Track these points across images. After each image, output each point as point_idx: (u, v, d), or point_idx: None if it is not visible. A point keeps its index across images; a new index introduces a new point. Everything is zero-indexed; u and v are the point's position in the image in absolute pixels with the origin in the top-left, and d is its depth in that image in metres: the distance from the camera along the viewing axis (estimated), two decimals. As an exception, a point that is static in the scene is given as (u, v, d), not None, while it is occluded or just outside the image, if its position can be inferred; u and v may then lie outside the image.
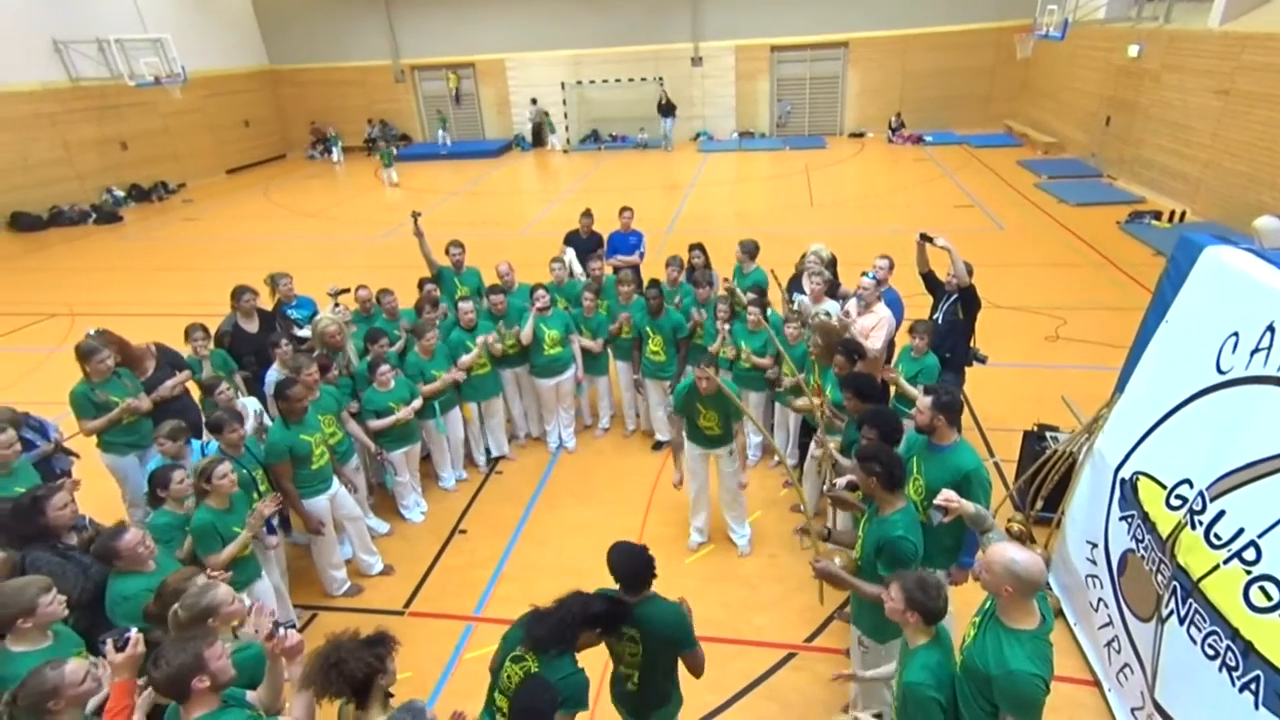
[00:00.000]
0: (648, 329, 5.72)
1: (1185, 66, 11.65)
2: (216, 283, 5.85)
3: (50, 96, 15.67)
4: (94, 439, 4.63)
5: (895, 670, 2.71)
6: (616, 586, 2.77)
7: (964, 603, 3.80)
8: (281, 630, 2.50)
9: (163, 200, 17.87)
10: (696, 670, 2.89)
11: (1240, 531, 2.80)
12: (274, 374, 4.92)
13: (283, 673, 2.60)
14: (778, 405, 5.55)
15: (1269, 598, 2.60)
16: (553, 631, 2.50)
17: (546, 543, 5.13)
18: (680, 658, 2.86)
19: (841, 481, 3.62)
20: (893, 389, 4.64)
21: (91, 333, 4.75)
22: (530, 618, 2.57)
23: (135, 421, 4.59)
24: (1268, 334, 3.00)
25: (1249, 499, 2.82)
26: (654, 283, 5.83)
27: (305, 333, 5.54)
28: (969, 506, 2.86)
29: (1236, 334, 3.19)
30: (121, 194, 17.11)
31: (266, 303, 5.93)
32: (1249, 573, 2.70)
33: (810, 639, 4.20)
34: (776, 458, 5.85)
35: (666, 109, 20.10)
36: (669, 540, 5.03)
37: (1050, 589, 4.24)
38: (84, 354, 4.47)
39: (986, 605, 2.51)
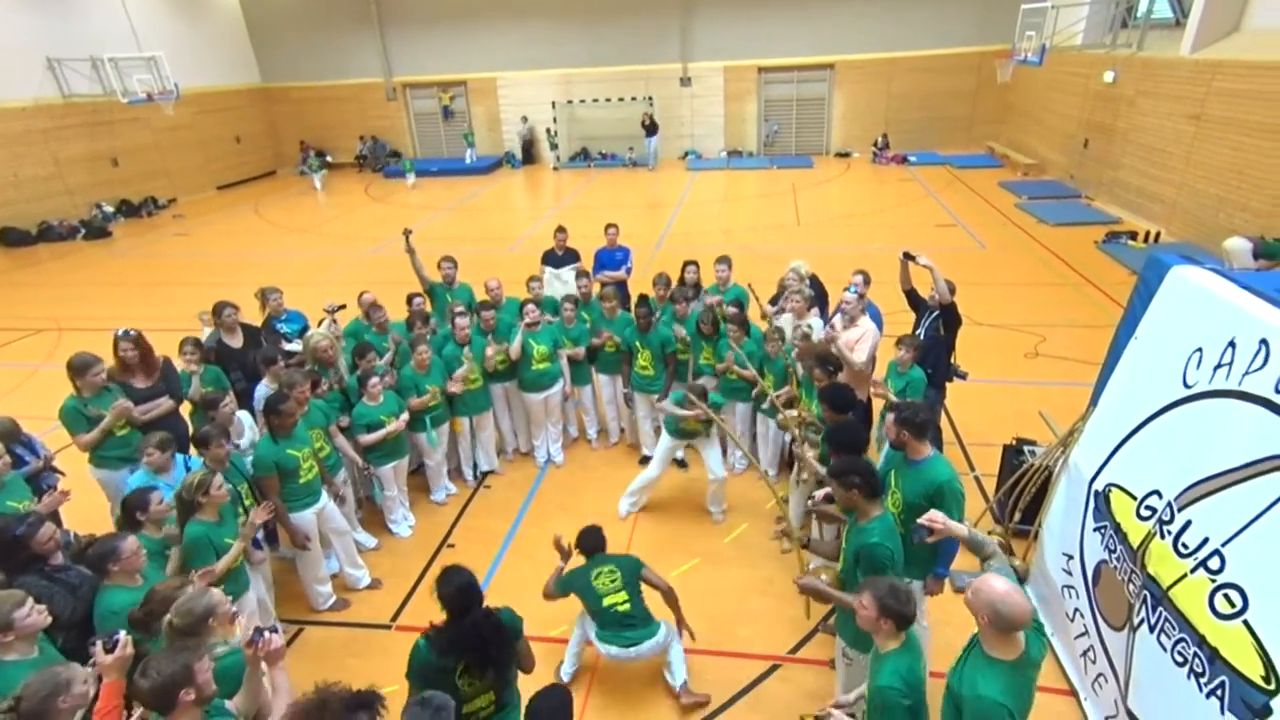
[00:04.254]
0: (637, 344, 5.80)
1: (1159, 92, 12.00)
2: (207, 297, 5.87)
3: (42, 113, 15.70)
4: (85, 453, 4.61)
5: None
6: None
7: (943, 611, 3.89)
8: (265, 634, 2.52)
9: (152, 215, 17.87)
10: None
11: (1205, 540, 2.90)
12: (263, 389, 4.94)
13: (262, 680, 2.62)
14: (760, 417, 5.64)
15: (1232, 605, 2.69)
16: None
17: (534, 556, 5.15)
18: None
19: (820, 494, 3.70)
20: (878, 403, 4.74)
21: (120, 333, 4.74)
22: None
23: (128, 434, 4.57)
24: (1229, 349, 3.12)
25: (1213, 509, 2.92)
26: (643, 299, 5.93)
27: (295, 346, 5.58)
28: (960, 529, 2.82)
29: (1201, 350, 3.31)
30: (111, 209, 17.09)
31: (256, 317, 5.97)
32: (1213, 581, 2.80)
33: (794, 650, 4.25)
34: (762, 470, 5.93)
35: (650, 128, 20.39)
36: (656, 553, 5.06)
37: (1044, 629, 4.25)
38: (77, 368, 4.45)
39: (976, 632, 2.54)
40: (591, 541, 4.02)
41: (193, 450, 4.34)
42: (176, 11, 19.43)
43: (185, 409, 5.02)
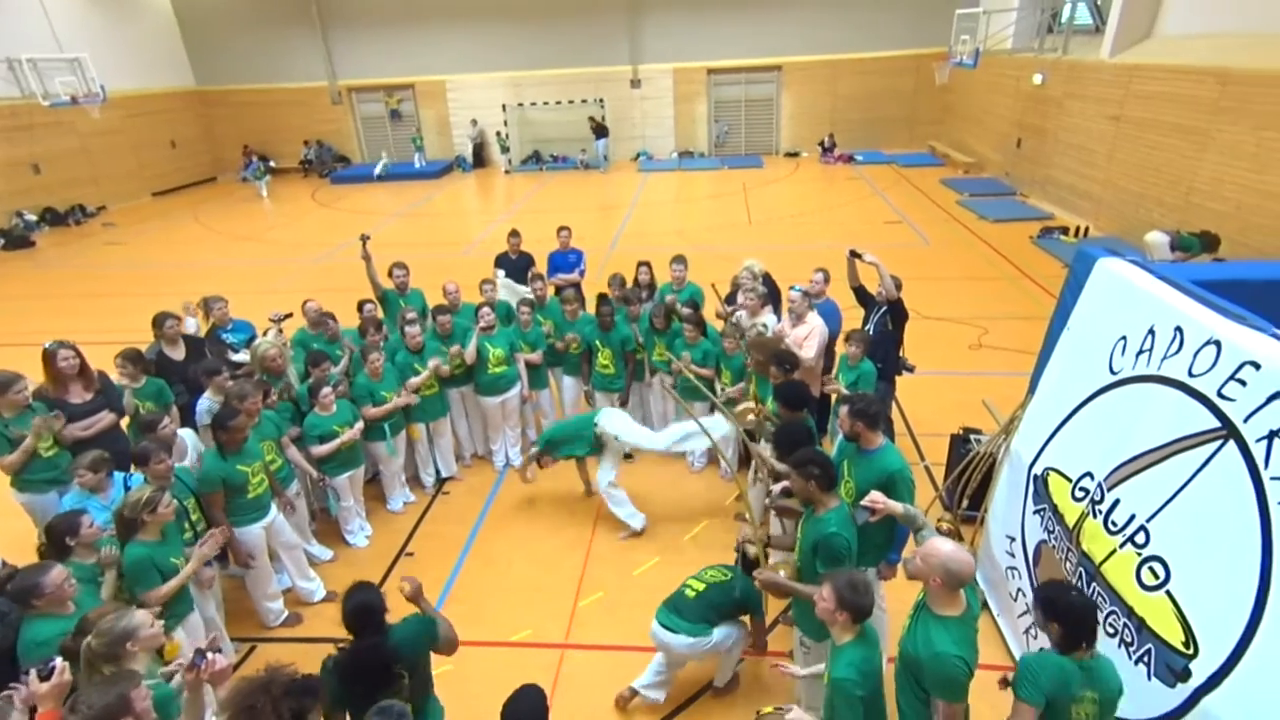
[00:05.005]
0: (597, 342, 5.83)
1: (1084, 94, 12.63)
2: (145, 308, 5.65)
3: (-47, 117, 14.80)
4: (6, 477, 4.37)
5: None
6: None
7: (897, 599, 4.01)
8: (208, 655, 2.43)
9: (80, 224, 17.01)
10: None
11: (1133, 517, 3.09)
12: (206, 402, 4.77)
13: (204, 704, 2.53)
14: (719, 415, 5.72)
15: (1156, 577, 2.87)
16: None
17: (495, 562, 5.12)
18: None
19: (777, 488, 3.78)
20: (834, 397, 4.86)
21: (49, 345, 4.50)
22: None
23: (56, 455, 4.35)
24: (1149, 337, 3.33)
25: (1139, 487, 3.11)
26: (604, 298, 5.97)
27: (242, 357, 5.41)
28: (896, 507, 3.02)
29: (1125, 338, 3.52)
30: (34, 218, 16.21)
31: (201, 327, 5.76)
32: (1140, 555, 2.98)
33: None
34: (723, 467, 6.02)
35: (599, 130, 20.43)
36: (616, 554, 5.11)
37: (977, 584, 4.49)
38: None
39: (920, 598, 2.69)
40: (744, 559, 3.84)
41: (134, 467, 4.17)
42: (100, 11, 18.51)
43: (125, 423, 4.82)
